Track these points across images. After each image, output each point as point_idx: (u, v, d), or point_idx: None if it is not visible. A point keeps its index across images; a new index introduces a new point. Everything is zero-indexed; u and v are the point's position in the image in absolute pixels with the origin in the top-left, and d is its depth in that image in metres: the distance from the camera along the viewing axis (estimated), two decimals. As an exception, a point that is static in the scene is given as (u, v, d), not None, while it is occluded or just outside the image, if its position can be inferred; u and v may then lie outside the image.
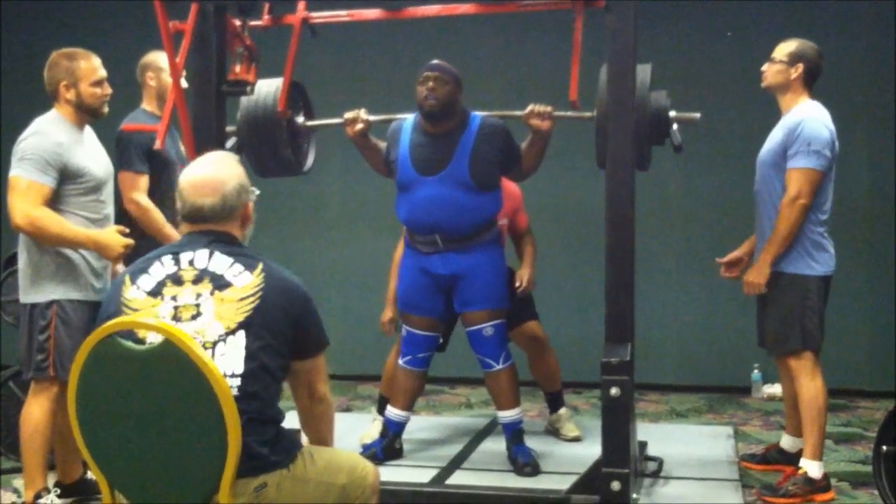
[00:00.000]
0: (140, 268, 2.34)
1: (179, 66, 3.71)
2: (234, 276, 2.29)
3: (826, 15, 5.71)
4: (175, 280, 2.29)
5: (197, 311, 2.24)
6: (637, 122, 3.44)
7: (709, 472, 4.06)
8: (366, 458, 2.58)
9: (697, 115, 3.72)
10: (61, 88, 3.57)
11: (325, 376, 2.46)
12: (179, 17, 3.69)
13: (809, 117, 3.73)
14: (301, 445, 2.36)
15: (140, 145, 4.03)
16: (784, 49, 3.85)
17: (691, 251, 5.91)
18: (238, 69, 3.76)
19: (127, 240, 3.49)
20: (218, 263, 2.30)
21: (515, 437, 4.05)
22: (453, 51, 4.85)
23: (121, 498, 2.23)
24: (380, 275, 4.77)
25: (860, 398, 5.62)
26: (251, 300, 2.26)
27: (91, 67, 3.59)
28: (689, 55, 5.94)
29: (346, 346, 5.92)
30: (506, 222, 4.37)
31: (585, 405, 5.56)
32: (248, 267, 2.31)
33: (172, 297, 2.27)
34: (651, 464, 3.98)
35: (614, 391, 3.22)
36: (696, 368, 5.99)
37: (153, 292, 2.28)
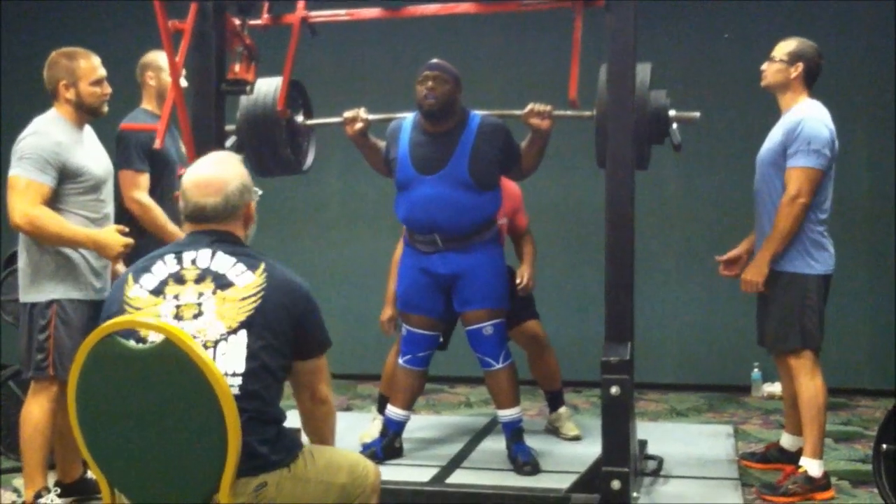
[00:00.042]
0: (143, 267, 2.35)
1: (179, 66, 3.70)
2: (237, 275, 2.29)
3: (826, 15, 5.71)
4: (177, 279, 2.29)
5: (199, 310, 2.24)
6: (637, 122, 3.44)
7: (709, 470, 4.06)
8: (366, 458, 2.58)
9: (697, 114, 3.72)
10: (61, 88, 3.56)
11: (328, 378, 2.46)
12: (179, 17, 3.68)
13: (809, 116, 3.73)
14: (302, 445, 2.36)
15: (140, 144, 4.03)
16: (784, 48, 3.85)
17: (691, 251, 5.91)
18: (237, 68, 3.75)
19: (126, 239, 3.48)
20: (220, 263, 2.31)
21: (515, 435, 4.05)
22: (453, 50, 4.84)
23: (121, 497, 2.23)
24: (380, 275, 4.77)
25: (860, 397, 5.62)
26: (253, 300, 2.26)
27: (91, 67, 3.59)
28: (689, 55, 5.95)
29: (346, 346, 5.90)
30: (505, 222, 4.37)
31: (585, 404, 5.56)
32: (251, 266, 2.31)
33: (175, 295, 2.27)
34: (651, 463, 3.98)
35: (614, 390, 3.22)
36: (696, 367, 5.99)
37: (156, 291, 2.28)
